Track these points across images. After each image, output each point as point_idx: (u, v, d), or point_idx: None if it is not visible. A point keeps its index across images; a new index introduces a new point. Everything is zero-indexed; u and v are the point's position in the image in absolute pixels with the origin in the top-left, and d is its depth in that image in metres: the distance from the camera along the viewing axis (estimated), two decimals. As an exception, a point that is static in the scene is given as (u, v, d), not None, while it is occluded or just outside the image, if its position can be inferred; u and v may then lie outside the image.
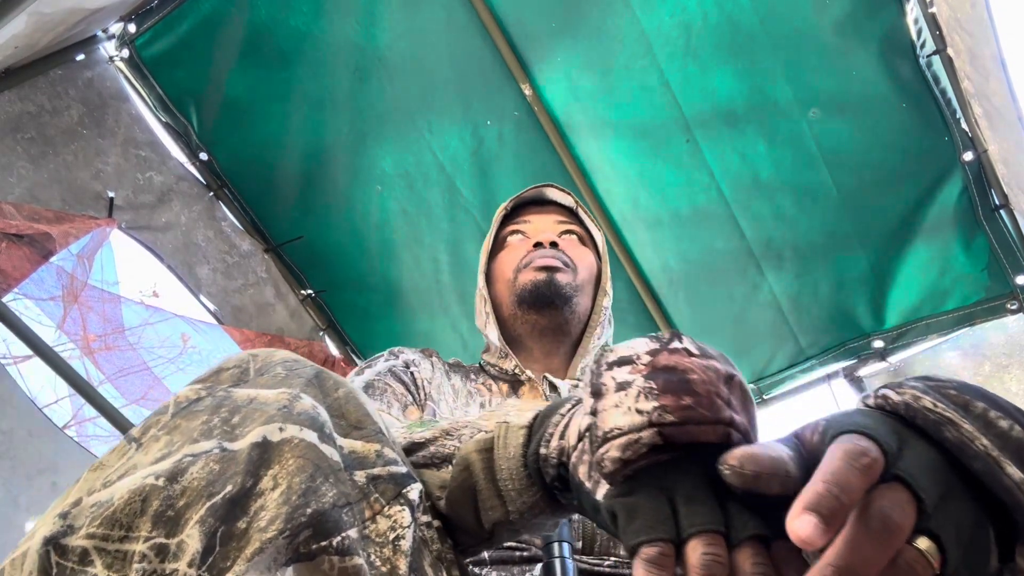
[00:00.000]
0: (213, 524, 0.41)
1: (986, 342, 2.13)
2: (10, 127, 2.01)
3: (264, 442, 0.45)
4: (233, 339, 2.54)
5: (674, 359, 0.45)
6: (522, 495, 0.54)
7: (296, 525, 0.42)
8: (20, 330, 1.97)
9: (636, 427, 0.43)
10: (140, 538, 0.41)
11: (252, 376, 0.52)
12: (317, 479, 0.45)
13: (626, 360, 0.47)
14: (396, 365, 1.03)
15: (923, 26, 1.80)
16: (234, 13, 2.19)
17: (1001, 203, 1.92)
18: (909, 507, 0.38)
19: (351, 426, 0.51)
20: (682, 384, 0.44)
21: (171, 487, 0.43)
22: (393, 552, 0.47)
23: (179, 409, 0.48)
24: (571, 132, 2.27)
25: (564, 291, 1.07)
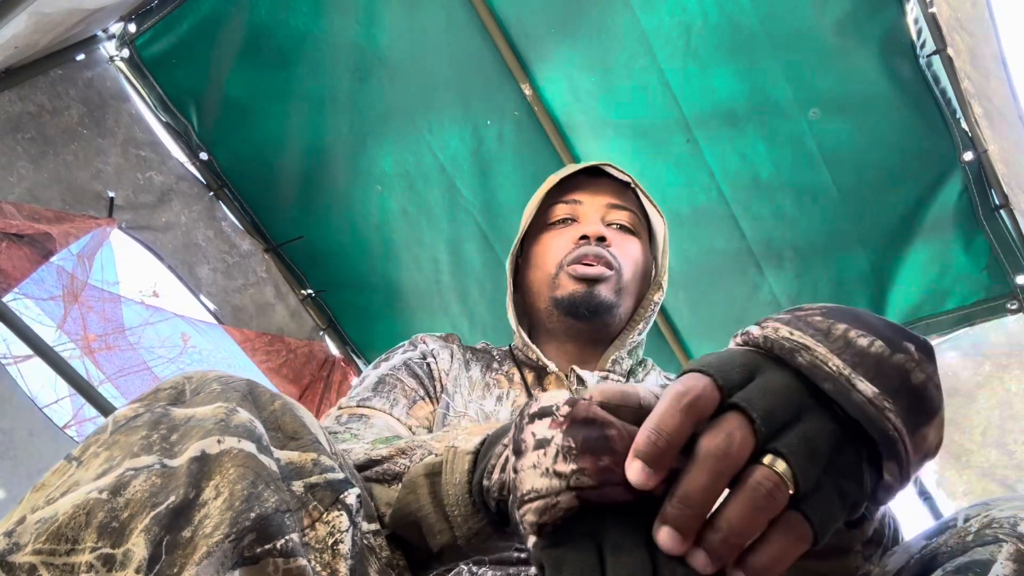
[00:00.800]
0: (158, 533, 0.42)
1: (986, 342, 2.13)
2: (10, 127, 2.02)
3: (203, 455, 0.46)
4: (233, 339, 2.54)
5: (594, 411, 0.44)
6: (468, 521, 0.55)
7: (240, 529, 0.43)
8: (20, 330, 1.98)
9: (553, 491, 0.42)
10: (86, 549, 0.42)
11: (188, 396, 0.53)
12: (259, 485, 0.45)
13: (546, 412, 0.46)
14: (413, 357, 1.02)
15: (923, 26, 1.80)
16: (234, 13, 2.19)
17: (1001, 203, 1.92)
18: (741, 431, 0.39)
19: (287, 437, 0.52)
20: (600, 442, 0.43)
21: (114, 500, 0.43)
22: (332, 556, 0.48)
23: (117, 427, 0.49)
24: (571, 132, 2.27)
25: (605, 303, 1.02)
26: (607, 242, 1.05)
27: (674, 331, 2.53)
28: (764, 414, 0.39)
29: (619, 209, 1.11)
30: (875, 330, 0.42)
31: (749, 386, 0.41)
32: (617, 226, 1.10)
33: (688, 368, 0.43)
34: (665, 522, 0.39)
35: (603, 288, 1.02)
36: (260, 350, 2.60)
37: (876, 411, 0.40)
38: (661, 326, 2.52)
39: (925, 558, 0.49)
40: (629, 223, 1.11)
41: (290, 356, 2.67)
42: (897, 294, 2.21)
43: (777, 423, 0.40)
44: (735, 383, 0.41)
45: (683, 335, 2.54)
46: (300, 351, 2.70)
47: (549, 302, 1.06)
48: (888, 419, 0.40)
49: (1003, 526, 0.46)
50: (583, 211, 1.10)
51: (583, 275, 1.02)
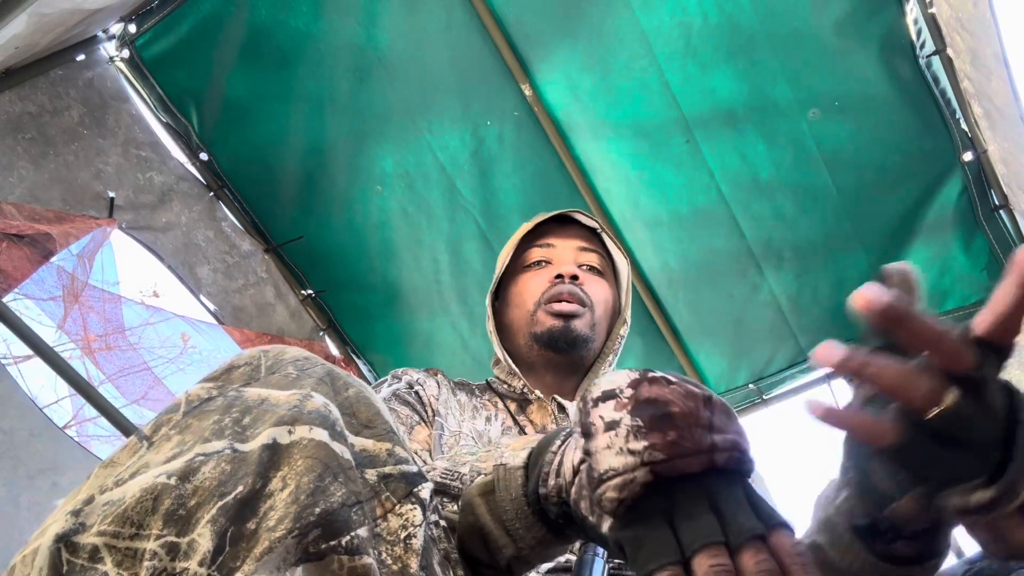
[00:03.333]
0: (224, 524, 0.42)
1: (986, 342, 2.13)
2: (11, 127, 2.02)
3: (274, 444, 0.45)
4: (233, 339, 2.54)
5: (655, 390, 0.48)
6: (530, 531, 0.57)
7: (305, 524, 0.43)
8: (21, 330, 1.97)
9: (630, 467, 0.45)
10: (151, 536, 0.41)
11: (263, 374, 0.52)
12: (326, 478, 0.45)
13: (610, 395, 0.49)
14: (400, 388, 1.06)
15: (923, 26, 1.80)
16: (234, 14, 2.19)
17: (1001, 203, 1.92)
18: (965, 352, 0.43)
19: (362, 425, 0.52)
20: (666, 419, 0.46)
21: (183, 486, 0.43)
22: (404, 550, 0.48)
23: (191, 408, 0.49)
24: (571, 132, 2.27)
25: (581, 337, 1.08)
26: (580, 280, 1.12)
27: (674, 331, 2.53)
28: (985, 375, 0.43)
29: (588, 252, 1.19)
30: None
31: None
32: (587, 267, 1.18)
33: None
34: None
35: (578, 323, 1.09)
36: (260, 350, 2.59)
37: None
38: (661, 326, 2.52)
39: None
40: (598, 265, 1.19)
41: (290, 356, 2.67)
42: (897, 294, 2.21)
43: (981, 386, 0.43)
44: None
45: (683, 335, 2.54)
46: (300, 351, 2.70)
47: (528, 337, 1.12)
48: None
49: None
50: (556, 254, 1.18)
51: (559, 312, 1.09)
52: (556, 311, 1.09)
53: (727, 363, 2.57)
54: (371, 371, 2.88)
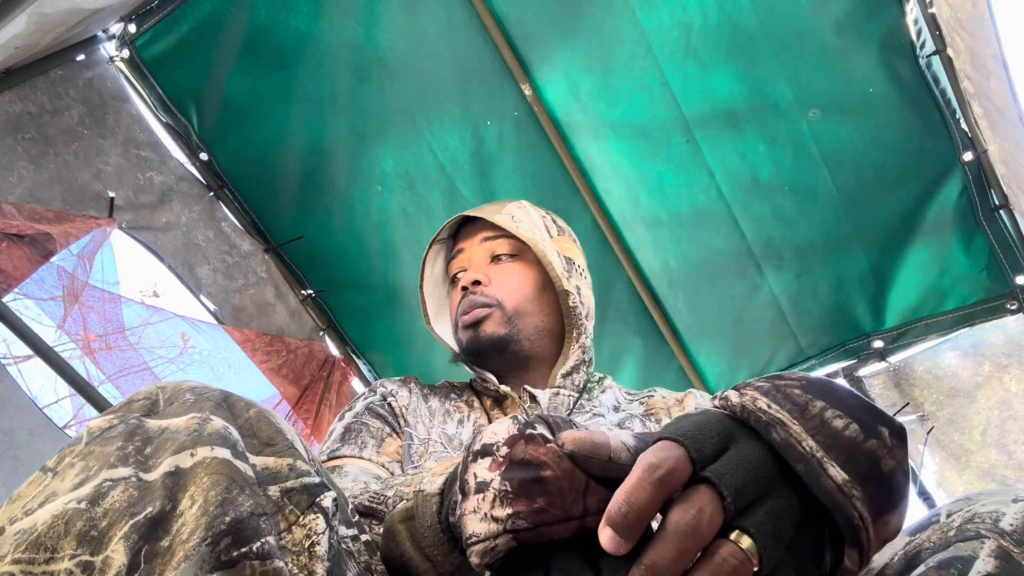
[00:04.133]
0: (137, 541, 0.43)
1: (986, 342, 2.13)
2: (11, 127, 2.02)
3: (176, 470, 0.46)
4: (233, 339, 2.54)
5: (529, 451, 0.47)
6: (447, 557, 0.57)
7: (216, 533, 0.43)
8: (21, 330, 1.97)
9: (492, 534, 0.45)
10: (65, 557, 0.42)
11: (162, 407, 0.53)
12: (233, 490, 0.46)
13: (487, 450, 0.49)
14: (374, 401, 1.07)
15: (923, 26, 1.80)
16: (234, 13, 2.19)
17: (1001, 203, 1.92)
18: (711, 506, 0.40)
19: (263, 443, 0.53)
20: (536, 484, 0.45)
21: (93, 509, 0.44)
22: (309, 558, 0.48)
23: (92, 438, 0.49)
24: (571, 132, 2.28)
25: (493, 337, 1.06)
26: (483, 283, 1.10)
27: (674, 331, 2.53)
28: (735, 491, 0.40)
29: (494, 239, 1.16)
30: (851, 411, 0.43)
31: (722, 459, 0.42)
32: (497, 257, 1.15)
33: (663, 435, 0.44)
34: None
35: (487, 326, 1.07)
36: (260, 350, 2.60)
37: (844, 498, 0.40)
38: (661, 326, 2.52)
39: (909, 554, 0.50)
40: (509, 249, 1.15)
41: (290, 356, 2.67)
42: (896, 294, 2.22)
43: (746, 499, 0.41)
44: (708, 456, 0.42)
45: (683, 335, 2.54)
46: (300, 351, 2.70)
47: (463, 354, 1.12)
48: (855, 507, 0.40)
49: (985, 521, 0.47)
50: (467, 257, 1.17)
51: (466, 324, 1.08)
52: (464, 324, 1.08)
53: (727, 363, 2.57)
54: (371, 371, 2.88)
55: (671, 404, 1.08)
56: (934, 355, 2.24)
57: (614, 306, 2.52)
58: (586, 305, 1.13)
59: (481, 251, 1.15)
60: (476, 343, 1.06)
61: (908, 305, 2.22)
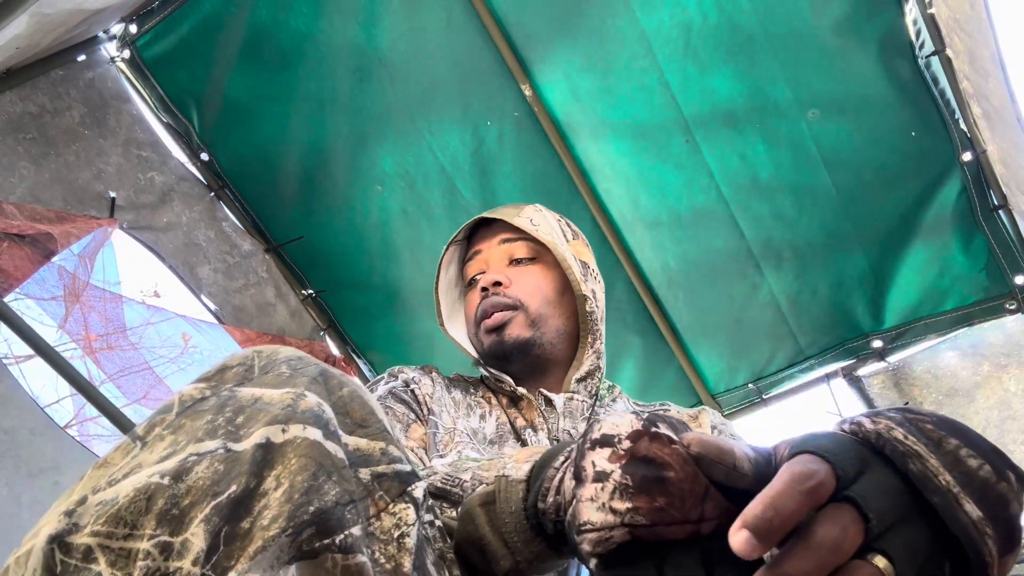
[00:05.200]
0: (217, 523, 0.42)
1: (985, 342, 2.14)
2: (12, 127, 2.02)
3: (267, 443, 0.45)
4: (234, 339, 2.54)
5: (654, 449, 0.46)
6: (528, 545, 0.57)
7: (299, 523, 0.43)
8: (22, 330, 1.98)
9: (608, 525, 0.45)
10: (144, 536, 0.41)
11: (256, 374, 0.52)
12: (320, 477, 0.45)
13: (607, 441, 0.48)
14: (396, 386, 1.05)
15: (922, 27, 1.81)
16: (235, 14, 2.19)
17: (1000, 203, 1.92)
18: (854, 527, 0.40)
19: (356, 424, 0.52)
20: (658, 483, 0.45)
21: (176, 486, 0.43)
22: (398, 549, 0.47)
23: (183, 408, 0.49)
24: (571, 132, 2.28)
25: (519, 341, 1.05)
26: (504, 285, 1.09)
27: (673, 331, 2.54)
28: (878, 514, 0.41)
29: (512, 242, 1.15)
30: (983, 452, 0.43)
31: (862, 480, 0.42)
32: (515, 260, 1.14)
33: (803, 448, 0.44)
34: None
35: (511, 329, 1.06)
36: (261, 350, 2.60)
37: (978, 535, 0.41)
38: (661, 326, 2.52)
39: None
40: (527, 252, 1.14)
41: (291, 356, 2.67)
42: (896, 294, 2.22)
43: (885, 524, 0.41)
44: (850, 476, 0.42)
45: (683, 335, 2.55)
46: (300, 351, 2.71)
47: (483, 357, 1.11)
48: (987, 545, 0.41)
49: None
50: (485, 259, 1.16)
51: (488, 328, 1.07)
52: (486, 328, 1.07)
53: (727, 363, 2.57)
54: (371, 371, 2.88)
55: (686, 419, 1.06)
56: (933, 355, 2.24)
57: (614, 306, 2.52)
58: (600, 309, 1.13)
59: (499, 253, 1.14)
60: (501, 346, 1.05)
61: (907, 305, 2.22)
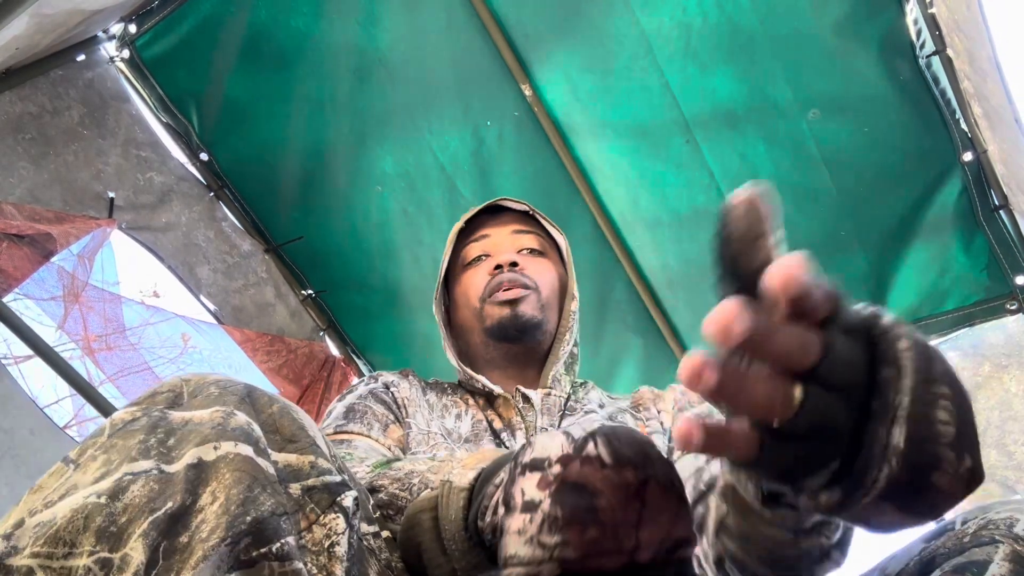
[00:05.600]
0: (156, 538, 0.42)
1: (985, 342, 2.14)
2: (11, 127, 2.02)
3: (199, 463, 0.46)
4: (233, 339, 2.54)
5: (585, 473, 0.44)
6: (465, 556, 0.56)
7: (237, 533, 0.43)
8: (21, 330, 1.98)
9: (536, 560, 0.43)
10: (84, 553, 0.42)
11: (186, 399, 0.53)
12: (255, 489, 0.46)
13: (538, 465, 0.46)
14: (376, 388, 1.07)
15: (923, 27, 1.81)
16: (234, 14, 2.19)
17: (1000, 203, 1.92)
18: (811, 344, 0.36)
19: (286, 440, 0.52)
20: (588, 512, 0.43)
21: (113, 504, 0.44)
22: (328, 559, 0.48)
23: (115, 430, 0.49)
24: (571, 132, 2.28)
25: (531, 321, 1.08)
26: (520, 266, 1.11)
27: (674, 331, 2.54)
28: (833, 359, 0.37)
29: (524, 234, 1.18)
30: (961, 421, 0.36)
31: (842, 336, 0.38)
32: (527, 250, 1.17)
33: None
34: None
35: (525, 307, 1.08)
36: (260, 350, 2.60)
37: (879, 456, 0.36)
38: (661, 326, 2.52)
39: (924, 560, 0.50)
40: (536, 245, 1.18)
41: (290, 356, 2.67)
42: (897, 294, 2.22)
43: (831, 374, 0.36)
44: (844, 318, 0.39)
45: (683, 335, 2.54)
46: (300, 351, 2.71)
47: (482, 334, 1.11)
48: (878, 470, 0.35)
49: (999, 527, 0.47)
50: (493, 244, 1.17)
51: (504, 299, 1.08)
52: (501, 300, 1.07)
53: (727, 363, 2.56)
54: (371, 371, 2.88)
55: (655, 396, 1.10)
56: (934, 355, 2.24)
57: (614, 306, 2.52)
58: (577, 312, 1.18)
59: (509, 241, 1.17)
60: (515, 320, 1.06)
61: (908, 305, 2.22)
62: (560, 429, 0.50)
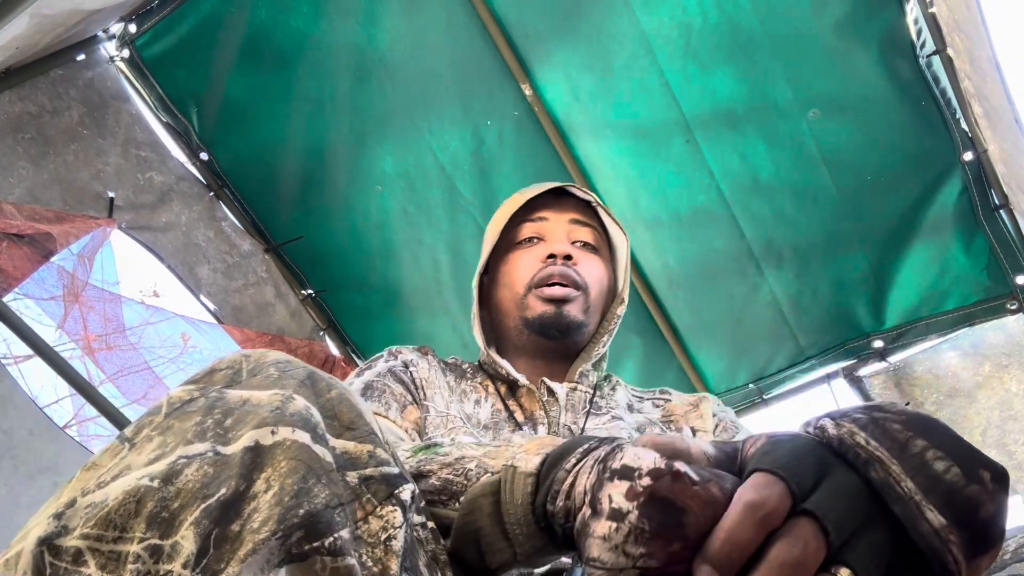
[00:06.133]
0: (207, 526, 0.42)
1: (985, 342, 2.14)
2: (11, 127, 2.02)
3: (256, 446, 0.45)
4: (233, 339, 2.54)
5: (675, 490, 0.45)
6: (530, 540, 0.56)
7: (289, 526, 0.43)
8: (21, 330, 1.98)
9: (619, 567, 0.44)
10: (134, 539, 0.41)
11: (245, 377, 0.52)
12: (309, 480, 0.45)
13: (627, 474, 0.47)
14: (395, 366, 1.03)
15: (923, 26, 1.80)
16: (234, 13, 2.19)
17: (1001, 203, 1.92)
18: (815, 541, 0.40)
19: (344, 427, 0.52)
20: (675, 527, 0.44)
21: (166, 488, 0.43)
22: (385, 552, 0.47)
23: (172, 409, 0.49)
24: (571, 132, 2.28)
25: (575, 323, 1.04)
26: (573, 260, 1.07)
27: (674, 331, 2.53)
28: (837, 524, 0.40)
29: (582, 226, 1.13)
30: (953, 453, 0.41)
31: (821, 489, 0.42)
32: (581, 244, 1.12)
33: (758, 466, 0.44)
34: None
35: (571, 308, 1.04)
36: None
37: (940, 543, 0.40)
38: (661, 326, 2.52)
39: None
40: (592, 240, 1.13)
41: (290, 356, 2.67)
42: (897, 294, 2.22)
43: (846, 533, 0.40)
44: (807, 488, 0.42)
45: (683, 335, 2.54)
46: (300, 351, 2.71)
47: (519, 321, 1.07)
48: (951, 552, 0.40)
49: None
50: (548, 228, 1.12)
51: (551, 296, 1.03)
52: (548, 296, 1.03)
53: (727, 363, 2.57)
54: (371, 371, 2.88)
55: (688, 410, 1.06)
56: (934, 355, 2.24)
57: (614, 306, 2.52)
58: None
59: (565, 229, 1.12)
60: (558, 320, 1.03)
61: (908, 305, 2.22)
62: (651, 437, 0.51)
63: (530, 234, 1.12)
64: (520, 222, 1.13)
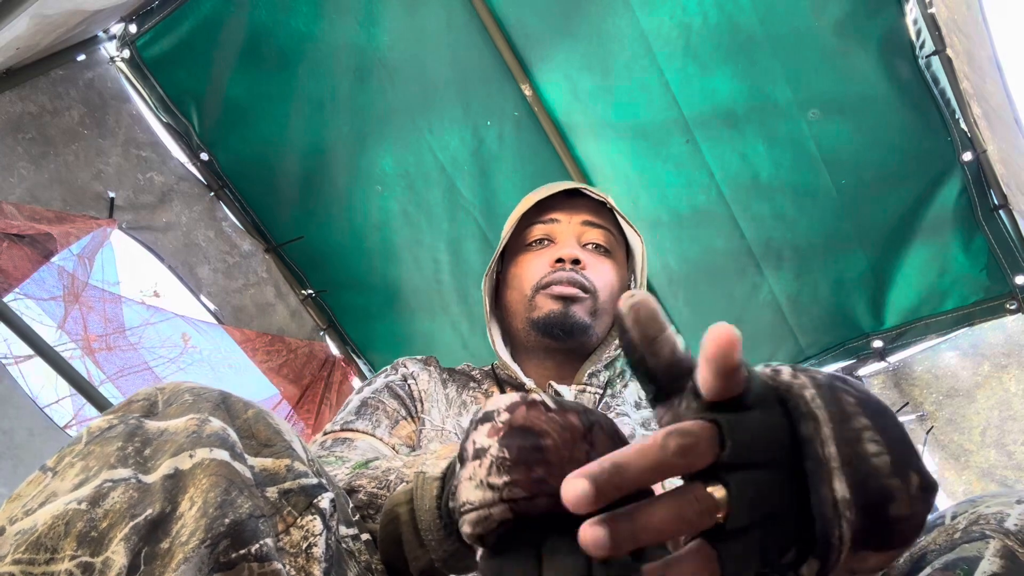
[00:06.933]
0: (137, 543, 0.43)
1: (985, 342, 2.14)
2: (11, 127, 2.02)
3: (176, 472, 0.46)
4: (234, 339, 2.54)
5: (531, 417, 0.45)
6: (443, 544, 0.56)
7: (216, 535, 0.44)
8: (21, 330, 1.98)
9: (487, 503, 0.43)
10: (65, 558, 0.42)
11: (161, 408, 0.53)
12: (232, 492, 0.46)
13: (488, 417, 0.47)
14: (394, 380, 1.05)
15: (922, 26, 1.81)
16: (234, 13, 2.19)
17: (1000, 203, 1.92)
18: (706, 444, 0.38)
19: (261, 444, 0.53)
20: (535, 452, 0.43)
21: (93, 510, 0.44)
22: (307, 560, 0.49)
23: (92, 438, 0.49)
24: (571, 132, 2.28)
25: (580, 324, 1.04)
26: (582, 265, 1.07)
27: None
28: (737, 443, 0.38)
29: (595, 227, 1.13)
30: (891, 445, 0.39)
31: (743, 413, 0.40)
32: (593, 246, 1.12)
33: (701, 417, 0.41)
34: None
35: (578, 309, 1.04)
36: (260, 350, 2.60)
37: (833, 514, 0.38)
38: (661, 326, 2.52)
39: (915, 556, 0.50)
40: (604, 242, 1.12)
41: (290, 356, 2.68)
42: (896, 294, 2.22)
43: (744, 458, 0.39)
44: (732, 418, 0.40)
45: (683, 335, 2.54)
46: (300, 351, 2.71)
47: (526, 323, 1.07)
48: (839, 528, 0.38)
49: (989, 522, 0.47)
50: (560, 230, 1.12)
51: (558, 294, 1.04)
52: (555, 294, 1.04)
53: (727, 363, 2.56)
54: (371, 370, 2.88)
55: None
56: (933, 355, 2.24)
57: (614, 306, 2.52)
58: None
59: (576, 231, 1.12)
60: (563, 320, 1.03)
61: (907, 305, 2.22)
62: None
63: (540, 236, 1.12)
64: (531, 223, 1.13)
